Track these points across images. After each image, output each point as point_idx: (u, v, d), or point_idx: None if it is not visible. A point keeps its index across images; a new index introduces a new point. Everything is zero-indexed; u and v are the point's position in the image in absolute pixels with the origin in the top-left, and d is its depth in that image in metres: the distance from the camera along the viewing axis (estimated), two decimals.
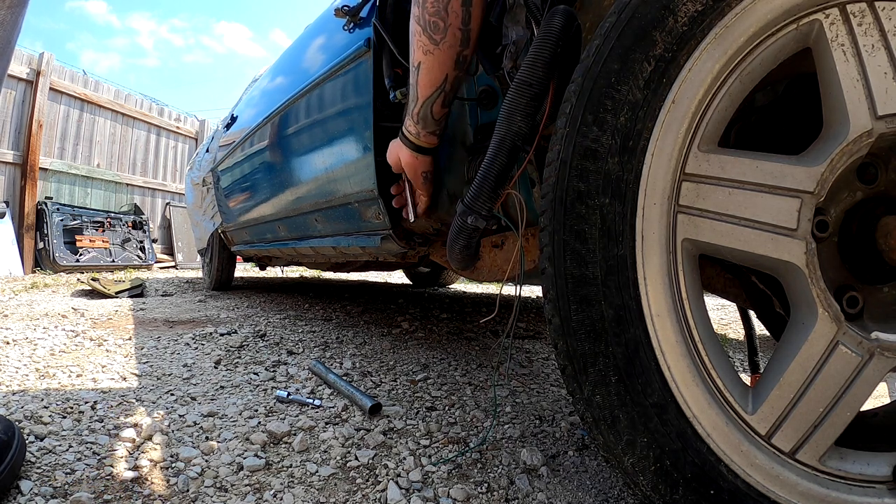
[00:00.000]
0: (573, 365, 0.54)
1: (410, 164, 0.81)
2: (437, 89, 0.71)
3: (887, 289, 0.52)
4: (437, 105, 0.73)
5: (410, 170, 0.81)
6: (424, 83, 0.71)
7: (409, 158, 0.80)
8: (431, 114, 0.74)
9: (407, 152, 0.80)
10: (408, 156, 0.80)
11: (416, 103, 0.74)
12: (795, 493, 0.49)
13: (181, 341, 1.57)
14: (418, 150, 0.79)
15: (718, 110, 0.51)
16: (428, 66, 0.70)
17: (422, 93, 0.72)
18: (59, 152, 5.51)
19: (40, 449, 0.77)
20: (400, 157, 0.82)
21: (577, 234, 0.53)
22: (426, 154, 0.80)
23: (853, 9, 0.48)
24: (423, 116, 0.75)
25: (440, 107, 0.73)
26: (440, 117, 0.75)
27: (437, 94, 0.72)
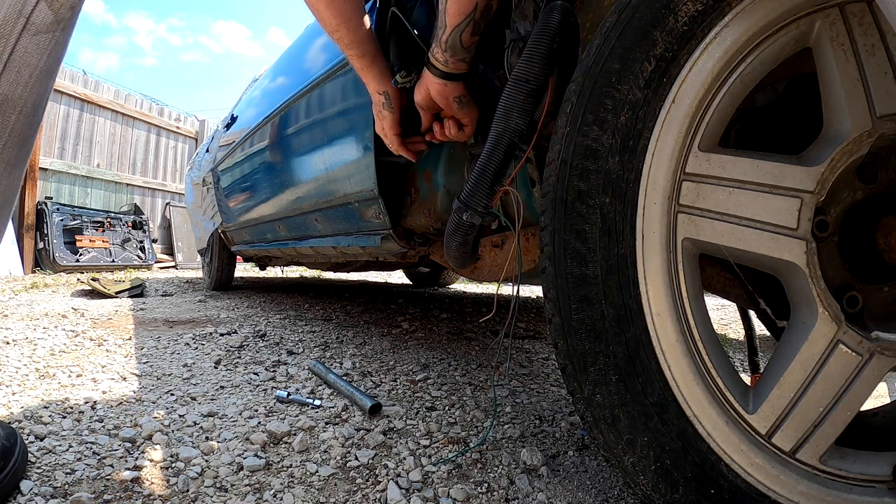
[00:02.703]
0: (573, 364, 0.54)
1: (441, 93, 0.77)
2: (467, 16, 0.68)
3: (887, 288, 0.52)
4: (466, 33, 0.70)
5: (442, 98, 0.77)
6: (453, 11, 0.68)
7: (438, 87, 0.76)
8: (461, 42, 0.71)
9: (436, 81, 0.76)
10: (437, 84, 0.76)
11: (445, 31, 0.71)
12: (796, 493, 0.49)
13: (181, 341, 1.57)
14: (448, 77, 0.75)
15: (719, 110, 0.51)
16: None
17: (450, 21, 0.69)
18: (59, 152, 5.51)
19: (40, 449, 0.77)
20: (429, 88, 0.78)
21: (578, 234, 0.54)
22: (457, 80, 0.76)
23: (853, 9, 0.48)
24: (451, 45, 0.72)
25: (470, 35, 0.70)
26: (469, 45, 0.72)
27: (466, 23, 0.69)
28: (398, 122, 0.88)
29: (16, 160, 0.61)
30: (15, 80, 0.57)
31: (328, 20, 0.79)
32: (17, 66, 0.57)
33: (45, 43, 0.58)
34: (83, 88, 5.78)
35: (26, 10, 0.56)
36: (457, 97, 0.77)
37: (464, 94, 0.78)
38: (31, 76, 0.58)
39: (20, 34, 0.56)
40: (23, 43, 0.56)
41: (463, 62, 0.75)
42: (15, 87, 0.57)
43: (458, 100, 0.78)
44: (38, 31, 0.57)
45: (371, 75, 0.85)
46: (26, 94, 0.58)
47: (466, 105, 0.79)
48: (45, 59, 0.59)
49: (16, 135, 0.59)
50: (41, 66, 0.59)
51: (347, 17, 0.79)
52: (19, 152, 0.61)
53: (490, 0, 0.68)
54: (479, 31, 0.71)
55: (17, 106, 0.58)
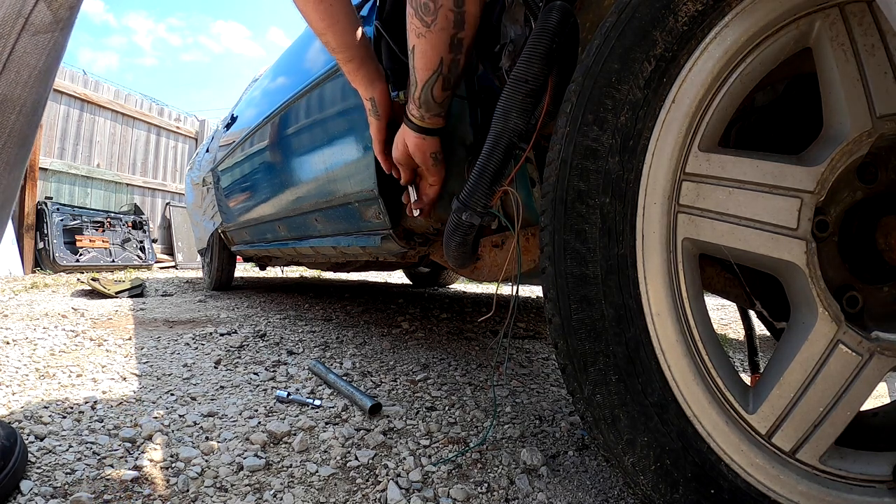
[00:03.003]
0: (573, 364, 0.54)
1: (418, 147, 0.79)
2: (434, 72, 0.70)
3: (887, 288, 0.52)
4: (436, 88, 0.72)
5: (419, 153, 0.80)
6: (420, 66, 0.70)
7: (416, 141, 0.79)
8: (433, 97, 0.73)
9: (413, 135, 0.79)
10: (414, 138, 0.79)
11: (417, 87, 0.73)
12: (796, 493, 0.49)
13: (181, 341, 1.57)
14: (424, 132, 0.78)
15: (719, 110, 0.51)
16: (422, 50, 0.68)
17: (420, 76, 0.71)
18: (59, 152, 5.51)
19: (40, 449, 0.77)
20: (406, 142, 0.80)
21: (578, 234, 0.54)
22: (433, 135, 0.79)
23: (853, 9, 0.48)
24: (424, 101, 0.74)
25: (441, 90, 0.72)
26: (442, 100, 0.74)
27: (435, 77, 0.71)
28: (384, 129, 0.89)
29: (15, 160, 0.61)
30: (14, 80, 0.57)
31: (316, 23, 0.80)
32: (17, 66, 0.57)
33: (44, 43, 0.59)
34: (83, 88, 5.78)
35: (25, 11, 0.56)
36: (433, 153, 0.80)
37: (439, 150, 0.81)
38: (31, 76, 0.58)
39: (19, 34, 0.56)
40: (22, 43, 0.57)
41: (438, 117, 0.77)
42: (14, 87, 0.57)
43: (434, 156, 0.80)
44: (37, 32, 0.58)
45: (358, 80, 0.85)
46: (25, 93, 0.59)
47: (438, 163, 0.82)
48: (44, 59, 0.59)
49: (15, 134, 0.59)
50: (40, 66, 0.59)
51: (334, 21, 0.79)
52: (19, 152, 0.61)
53: (457, 55, 0.69)
54: (450, 85, 0.73)
55: (17, 106, 0.58)
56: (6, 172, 0.61)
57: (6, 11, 0.56)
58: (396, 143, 0.83)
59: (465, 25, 0.67)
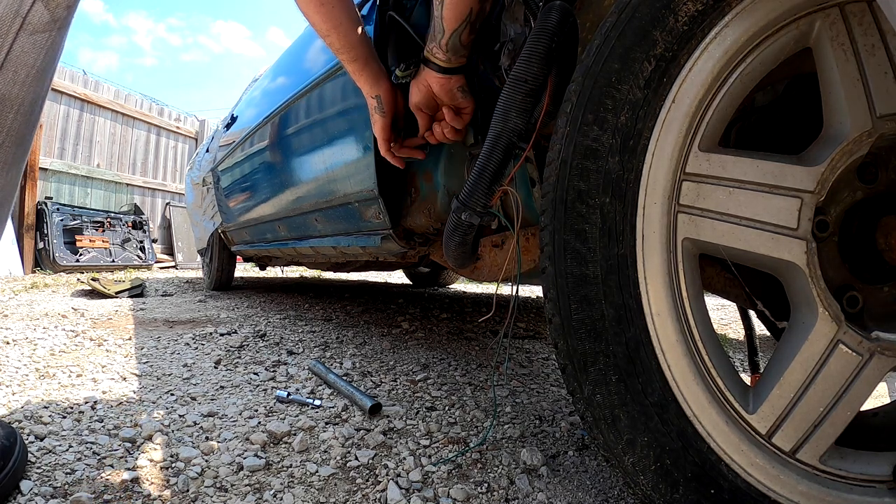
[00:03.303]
0: (573, 364, 0.54)
1: (444, 86, 0.80)
2: (463, 21, 0.72)
3: (887, 288, 0.52)
4: (464, 35, 0.74)
5: (445, 91, 0.81)
6: (450, 17, 0.72)
7: (441, 81, 0.80)
8: (460, 42, 0.75)
9: (438, 77, 0.79)
10: (439, 79, 0.80)
11: (444, 35, 0.74)
12: (796, 493, 0.49)
13: (181, 341, 1.57)
14: (449, 72, 0.79)
15: (719, 110, 0.51)
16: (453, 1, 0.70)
17: (448, 25, 0.73)
18: (59, 152, 5.51)
19: (40, 449, 0.77)
20: (430, 83, 0.81)
21: (578, 234, 0.54)
22: (458, 73, 0.80)
23: (853, 9, 0.48)
24: (452, 45, 0.75)
25: (468, 35, 0.74)
26: (468, 43, 0.76)
27: (463, 26, 0.73)
28: (388, 127, 0.89)
29: (13, 159, 0.61)
30: (12, 79, 0.57)
31: (319, 25, 0.81)
32: (14, 65, 0.57)
33: (41, 42, 0.59)
34: (83, 88, 5.78)
35: (23, 10, 0.56)
36: (459, 87, 0.81)
37: (464, 84, 0.81)
38: (28, 75, 0.58)
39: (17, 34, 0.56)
40: (20, 42, 0.57)
41: (463, 57, 0.78)
42: (12, 87, 0.57)
43: (461, 89, 0.81)
44: (35, 31, 0.58)
45: (363, 79, 0.86)
46: (23, 93, 0.59)
47: (466, 95, 0.82)
48: (41, 58, 0.60)
49: (13, 134, 0.59)
50: (38, 66, 0.59)
51: (338, 22, 0.80)
52: (17, 151, 0.61)
53: (483, 3, 0.71)
54: (476, 30, 0.74)
55: (15, 105, 0.58)
56: (4, 172, 0.61)
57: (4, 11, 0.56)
58: (417, 89, 0.84)
59: None
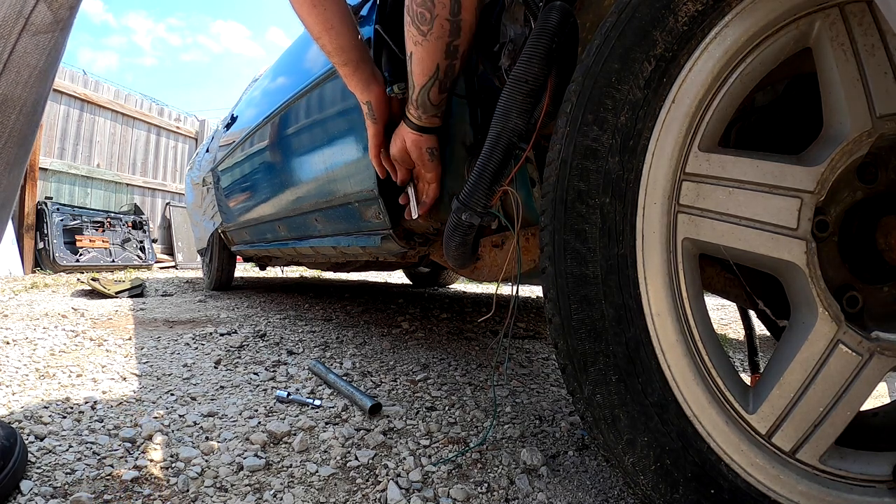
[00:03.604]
0: (573, 364, 0.54)
1: (415, 143, 0.82)
2: (430, 77, 0.72)
3: (887, 288, 0.52)
4: (433, 92, 0.74)
5: (415, 148, 0.83)
6: (417, 72, 0.72)
7: (413, 137, 0.82)
8: (429, 100, 0.75)
9: (410, 133, 0.81)
10: (411, 135, 0.81)
11: (414, 90, 0.75)
12: (796, 493, 0.49)
13: (181, 341, 1.57)
14: (421, 130, 0.81)
15: (719, 110, 0.51)
16: (419, 56, 0.70)
17: (417, 81, 0.74)
18: (59, 152, 5.51)
19: (40, 449, 0.77)
20: (404, 138, 0.83)
21: (578, 234, 0.54)
22: (430, 133, 0.82)
23: (852, 9, 0.48)
24: (421, 103, 0.76)
25: (437, 93, 0.75)
26: (438, 102, 0.77)
27: (431, 82, 0.73)
28: (380, 133, 0.90)
29: (15, 159, 0.61)
30: (14, 80, 0.57)
31: (312, 27, 0.81)
32: (17, 66, 0.57)
33: (44, 43, 0.59)
34: (83, 88, 5.78)
35: (26, 11, 0.57)
36: (429, 148, 0.83)
37: (435, 146, 0.83)
38: (31, 76, 0.59)
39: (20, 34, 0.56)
40: (22, 43, 0.57)
41: (435, 117, 0.79)
42: (14, 87, 0.57)
43: (430, 151, 0.83)
44: (38, 32, 0.58)
45: (353, 83, 0.87)
46: (26, 93, 0.59)
47: (435, 159, 0.84)
48: (44, 59, 0.60)
49: (15, 134, 0.60)
50: (40, 66, 0.59)
51: (330, 26, 0.80)
52: (19, 151, 0.61)
53: (453, 61, 0.71)
54: (446, 88, 0.75)
55: (17, 105, 0.58)
56: (6, 172, 0.61)
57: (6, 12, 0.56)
58: (395, 140, 0.85)
59: (461, 33, 0.68)
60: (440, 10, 0.65)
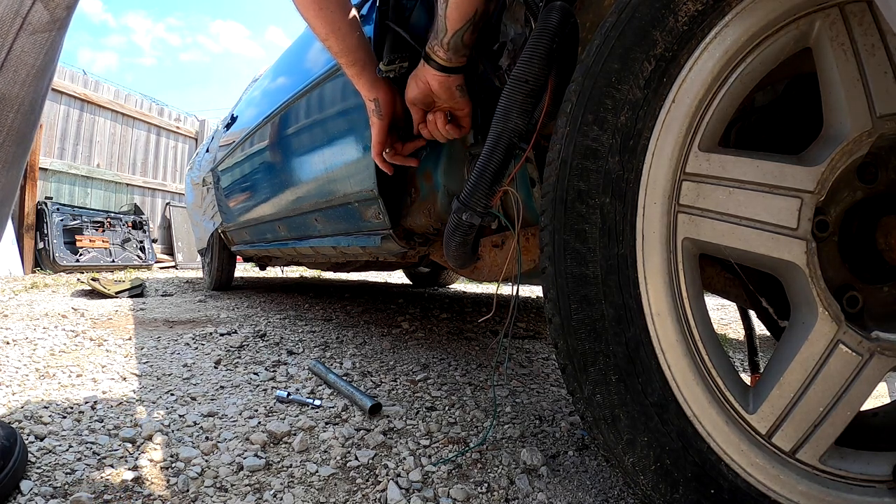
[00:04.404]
0: (573, 364, 0.54)
1: (443, 83, 0.80)
2: (468, 21, 0.72)
3: (887, 288, 0.52)
4: (467, 35, 0.74)
5: (444, 89, 0.81)
6: (455, 17, 0.72)
7: (441, 79, 0.79)
8: (462, 42, 0.75)
9: (437, 75, 0.79)
10: (439, 77, 0.79)
11: (446, 34, 0.74)
12: (796, 493, 0.49)
13: (181, 341, 1.57)
14: (449, 70, 0.78)
15: (719, 110, 0.51)
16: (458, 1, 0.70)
17: (451, 25, 0.73)
18: (59, 152, 5.51)
19: (40, 449, 0.77)
20: (429, 81, 0.81)
21: (578, 234, 0.53)
22: (459, 73, 0.80)
23: (853, 9, 0.48)
24: (454, 46, 0.75)
25: (471, 35, 0.74)
26: (471, 43, 0.76)
27: (467, 26, 0.72)
28: (385, 131, 0.90)
29: (14, 158, 0.61)
30: (12, 79, 0.57)
31: (318, 29, 0.82)
32: (15, 65, 0.57)
33: (41, 42, 0.59)
34: (83, 88, 5.78)
35: (23, 10, 0.57)
36: (458, 85, 0.81)
37: (463, 83, 0.81)
38: (29, 75, 0.59)
39: (17, 34, 0.56)
40: (20, 42, 0.57)
41: (464, 57, 0.78)
42: (12, 86, 0.57)
43: (460, 88, 0.81)
44: (35, 31, 0.58)
45: (361, 82, 0.87)
46: (24, 92, 0.59)
47: (464, 94, 0.82)
48: (41, 58, 0.60)
49: (14, 133, 0.60)
50: (38, 65, 0.60)
51: (336, 27, 0.81)
52: (17, 150, 0.61)
53: (488, 4, 0.71)
54: (478, 30, 0.74)
55: (15, 105, 0.58)
56: (5, 171, 0.61)
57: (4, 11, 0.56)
58: (415, 84, 0.83)
59: None
60: None
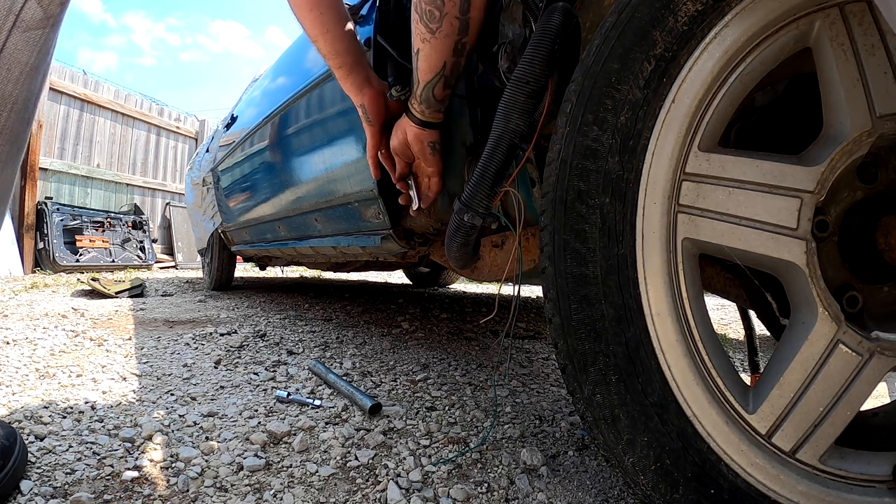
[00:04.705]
0: (573, 364, 0.54)
1: (417, 137, 0.82)
2: (436, 75, 0.73)
3: (887, 288, 0.52)
4: (438, 88, 0.75)
5: (417, 142, 0.82)
6: (424, 69, 0.73)
7: (415, 131, 0.81)
8: (433, 96, 0.76)
9: (413, 127, 0.81)
10: (414, 129, 0.81)
11: (419, 86, 0.75)
12: (796, 493, 0.49)
13: (181, 341, 1.57)
14: (424, 125, 0.81)
15: (719, 110, 0.51)
16: (426, 54, 0.71)
17: (422, 77, 0.74)
18: (59, 152, 5.51)
19: (40, 449, 0.77)
20: (406, 132, 0.83)
21: (578, 234, 0.53)
22: (432, 128, 0.82)
23: (852, 9, 0.48)
24: (425, 98, 0.76)
25: (442, 89, 0.75)
26: (443, 98, 0.77)
27: (437, 79, 0.73)
28: (378, 135, 0.89)
29: (8, 157, 0.61)
30: (5, 76, 0.57)
31: (309, 29, 0.83)
32: (8, 62, 0.57)
33: (34, 39, 0.59)
34: (83, 88, 5.77)
35: (16, 8, 0.56)
36: (430, 142, 0.82)
37: (437, 141, 0.83)
38: (22, 73, 0.58)
39: (10, 31, 0.56)
40: (13, 40, 0.57)
41: (438, 112, 0.79)
42: (6, 84, 0.57)
43: (432, 146, 0.83)
44: (28, 28, 0.58)
45: (347, 86, 0.87)
46: (17, 90, 0.59)
47: (436, 153, 0.84)
48: (35, 55, 0.60)
49: (7, 132, 0.60)
50: (31, 63, 0.59)
51: (326, 29, 0.81)
52: (11, 149, 0.61)
53: (459, 58, 0.72)
54: (451, 84, 0.76)
55: (8, 103, 0.58)
56: (2, 170, 0.61)
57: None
58: (395, 133, 0.85)
59: (468, 31, 0.68)
60: (450, 7, 0.65)
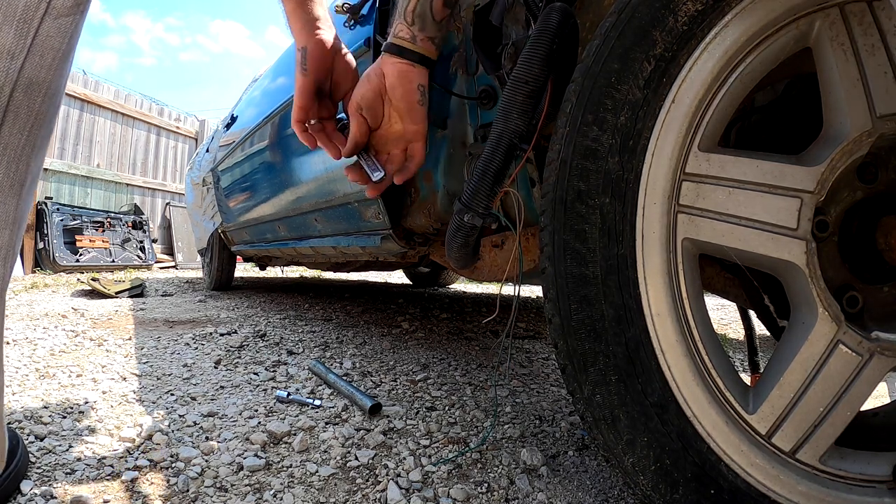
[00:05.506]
0: (573, 364, 0.54)
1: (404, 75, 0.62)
2: None
3: (887, 288, 0.52)
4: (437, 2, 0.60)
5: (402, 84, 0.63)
6: None
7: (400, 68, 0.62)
8: (431, 12, 0.61)
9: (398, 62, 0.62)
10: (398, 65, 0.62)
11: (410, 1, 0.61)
12: (796, 493, 0.49)
13: (181, 341, 1.57)
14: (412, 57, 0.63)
15: (719, 110, 0.51)
16: None
17: None
18: (59, 152, 5.51)
19: (40, 449, 0.77)
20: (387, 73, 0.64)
21: (578, 234, 0.53)
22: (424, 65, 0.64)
23: (853, 9, 0.48)
24: (420, 14, 0.61)
25: (442, 4, 0.61)
26: (441, 19, 0.63)
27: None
28: (309, 92, 0.72)
29: (41, 142, 0.62)
30: (39, 63, 0.57)
31: None
32: (41, 49, 0.57)
33: (65, 26, 0.59)
34: (83, 88, 5.78)
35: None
36: (420, 85, 0.64)
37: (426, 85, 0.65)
38: (54, 59, 0.59)
39: (42, 18, 0.56)
40: (45, 27, 0.57)
41: (432, 42, 0.64)
42: (39, 71, 0.57)
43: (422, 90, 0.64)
44: (59, 15, 0.58)
45: (293, 21, 0.71)
46: (50, 76, 0.59)
47: (424, 104, 0.66)
48: (66, 42, 0.60)
49: (42, 118, 0.60)
50: (63, 49, 0.60)
51: None
52: (42, 133, 0.61)
53: None
54: (452, 3, 0.63)
55: (42, 89, 0.58)
56: (35, 155, 0.61)
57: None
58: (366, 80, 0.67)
59: None
60: None
